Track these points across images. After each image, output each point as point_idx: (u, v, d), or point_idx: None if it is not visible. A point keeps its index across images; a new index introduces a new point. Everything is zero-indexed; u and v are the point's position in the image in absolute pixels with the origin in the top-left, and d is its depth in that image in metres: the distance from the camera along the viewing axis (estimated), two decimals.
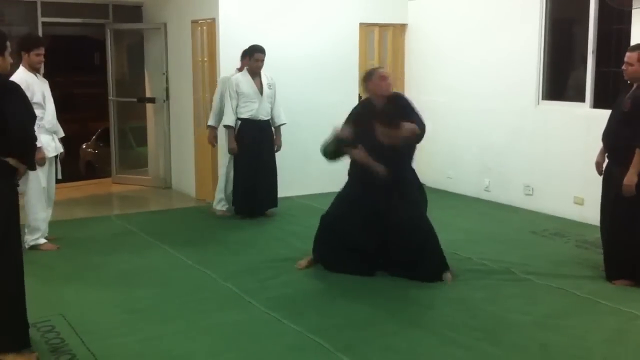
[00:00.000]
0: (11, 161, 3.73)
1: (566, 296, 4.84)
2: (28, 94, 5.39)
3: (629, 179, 4.80)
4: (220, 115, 7.08)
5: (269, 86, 6.95)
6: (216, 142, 7.31)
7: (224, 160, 7.22)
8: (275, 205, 7.17)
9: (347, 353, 3.88)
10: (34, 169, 4.08)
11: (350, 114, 5.41)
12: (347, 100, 8.36)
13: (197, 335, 4.16)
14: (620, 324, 4.35)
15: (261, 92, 6.87)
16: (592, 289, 4.93)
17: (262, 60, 6.83)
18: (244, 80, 6.84)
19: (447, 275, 5.16)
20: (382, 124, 4.99)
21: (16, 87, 3.86)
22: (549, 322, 4.37)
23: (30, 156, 3.91)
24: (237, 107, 6.82)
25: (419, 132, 5.03)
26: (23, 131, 3.78)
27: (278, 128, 7.12)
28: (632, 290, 4.90)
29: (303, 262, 5.45)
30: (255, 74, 6.88)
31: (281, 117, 7.09)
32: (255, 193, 6.95)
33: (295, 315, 4.42)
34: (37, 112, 5.62)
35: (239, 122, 6.86)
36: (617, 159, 4.95)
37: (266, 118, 6.97)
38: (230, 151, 6.91)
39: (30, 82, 5.59)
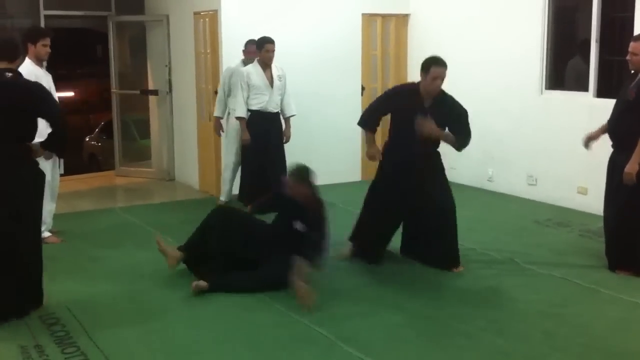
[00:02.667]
0: (34, 146, 4.31)
1: (569, 285, 4.85)
2: None
3: (631, 167, 4.80)
4: (224, 105, 7.12)
5: (279, 78, 6.93)
6: (222, 130, 7.32)
7: (230, 149, 7.22)
8: None
9: (350, 344, 3.89)
10: (63, 156, 4.61)
11: (391, 95, 5.37)
12: (350, 91, 8.40)
13: (200, 326, 4.18)
14: (623, 313, 4.37)
15: (271, 85, 6.86)
16: (595, 278, 4.93)
17: (273, 51, 6.81)
18: (255, 72, 6.82)
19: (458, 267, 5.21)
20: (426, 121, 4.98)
21: (40, 85, 4.48)
22: (552, 311, 4.39)
23: (66, 144, 4.53)
24: (247, 98, 6.80)
25: (456, 146, 5.17)
26: (63, 119, 4.39)
27: (288, 119, 7.10)
28: (635, 279, 4.91)
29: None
30: (266, 65, 6.86)
31: (291, 108, 7.07)
32: (266, 185, 6.91)
33: (298, 306, 4.43)
34: None
35: (249, 113, 6.85)
36: (622, 148, 4.94)
37: (275, 110, 6.96)
38: (243, 142, 6.89)
39: (38, 75, 5.59)
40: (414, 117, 4.97)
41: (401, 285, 4.87)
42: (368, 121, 5.37)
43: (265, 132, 6.87)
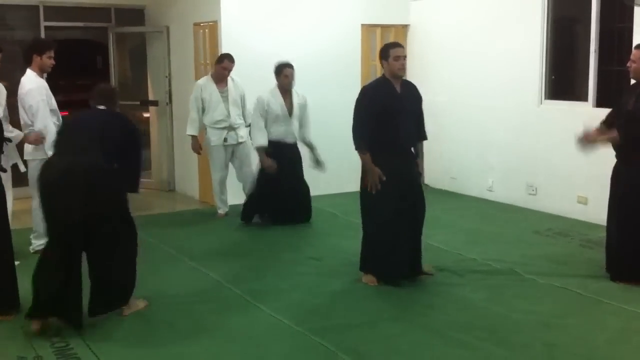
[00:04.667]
0: None
1: (570, 296, 4.84)
2: (47, 100, 5.48)
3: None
4: (199, 122, 7.03)
5: (300, 107, 6.73)
6: (201, 149, 7.29)
7: (214, 166, 7.19)
8: (310, 217, 7.03)
9: (350, 355, 3.88)
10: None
11: (370, 95, 5.05)
12: (349, 102, 8.33)
13: (200, 338, 4.17)
14: (624, 323, 4.35)
15: (290, 113, 6.66)
16: (596, 289, 4.92)
17: (292, 75, 6.60)
18: (274, 100, 6.60)
19: (428, 266, 5.26)
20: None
21: None
22: (553, 321, 4.38)
23: None
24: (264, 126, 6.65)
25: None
26: None
27: (310, 144, 6.90)
28: (637, 289, 4.89)
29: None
30: (286, 91, 6.67)
31: (309, 134, 6.88)
32: (286, 204, 6.76)
33: (298, 316, 4.43)
34: (54, 119, 5.65)
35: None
36: (625, 159, 4.94)
37: (293, 141, 6.75)
38: (268, 169, 6.63)
39: (47, 88, 5.59)
40: (394, 110, 4.93)
41: (401, 296, 4.86)
42: (365, 139, 5.00)
43: (282, 163, 6.66)
